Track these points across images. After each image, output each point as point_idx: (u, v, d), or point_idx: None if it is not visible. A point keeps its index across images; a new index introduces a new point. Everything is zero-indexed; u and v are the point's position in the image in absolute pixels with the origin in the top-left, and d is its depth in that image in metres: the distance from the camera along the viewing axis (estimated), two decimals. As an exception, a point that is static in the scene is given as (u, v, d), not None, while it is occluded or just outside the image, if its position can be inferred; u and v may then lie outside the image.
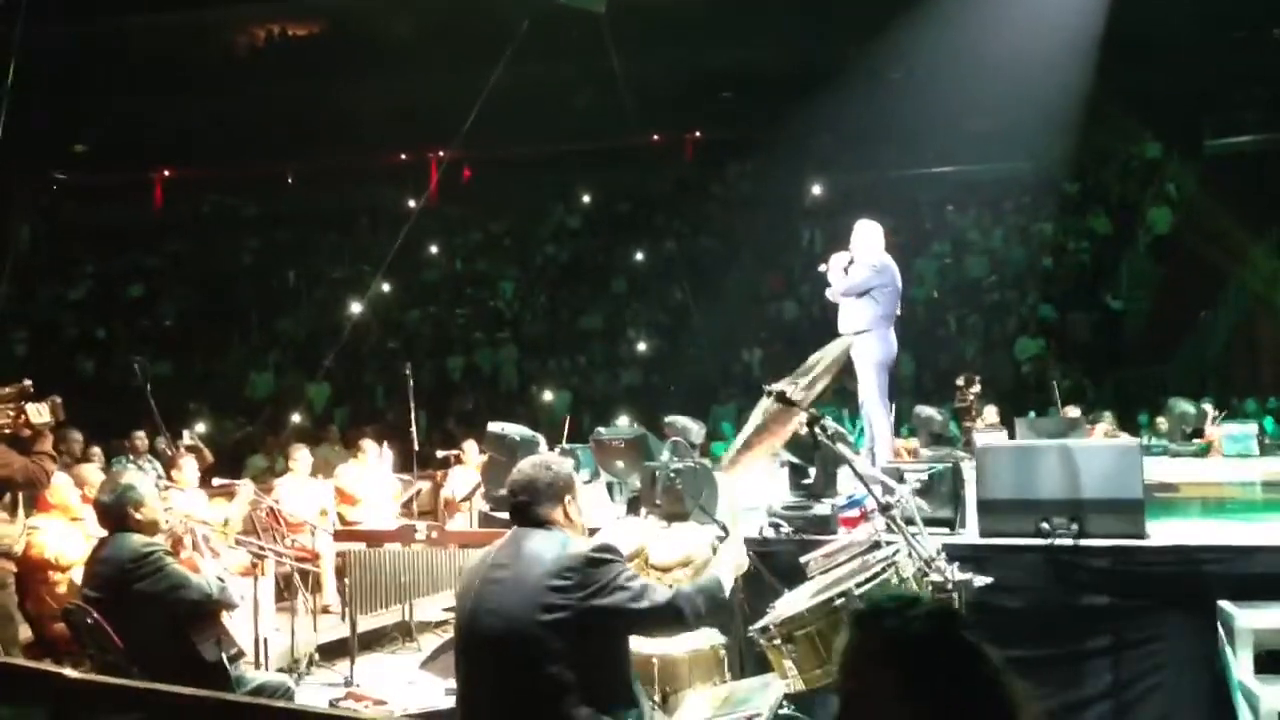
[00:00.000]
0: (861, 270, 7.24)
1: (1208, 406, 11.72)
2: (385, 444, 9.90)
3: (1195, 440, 10.72)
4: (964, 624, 1.79)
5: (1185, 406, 11.38)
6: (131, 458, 9.67)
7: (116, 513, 4.68)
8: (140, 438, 10.21)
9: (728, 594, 3.47)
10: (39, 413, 5.38)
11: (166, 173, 26.41)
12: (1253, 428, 10.78)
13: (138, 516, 4.67)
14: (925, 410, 10.15)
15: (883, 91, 18.22)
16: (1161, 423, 11.74)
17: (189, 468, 8.13)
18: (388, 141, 23.85)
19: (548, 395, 17.43)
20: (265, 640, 6.38)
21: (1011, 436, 9.78)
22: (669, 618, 3.26)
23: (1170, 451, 10.48)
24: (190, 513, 6.45)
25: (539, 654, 3.09)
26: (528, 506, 3.38)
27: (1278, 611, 4.37)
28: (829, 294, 7.44)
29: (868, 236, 7.51)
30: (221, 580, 4.92)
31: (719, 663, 4.04)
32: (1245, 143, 19.06)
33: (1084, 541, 4.89)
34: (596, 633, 3.14)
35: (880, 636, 1.77)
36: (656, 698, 3.77)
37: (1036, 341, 17.20)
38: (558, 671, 3.08)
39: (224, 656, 4.68)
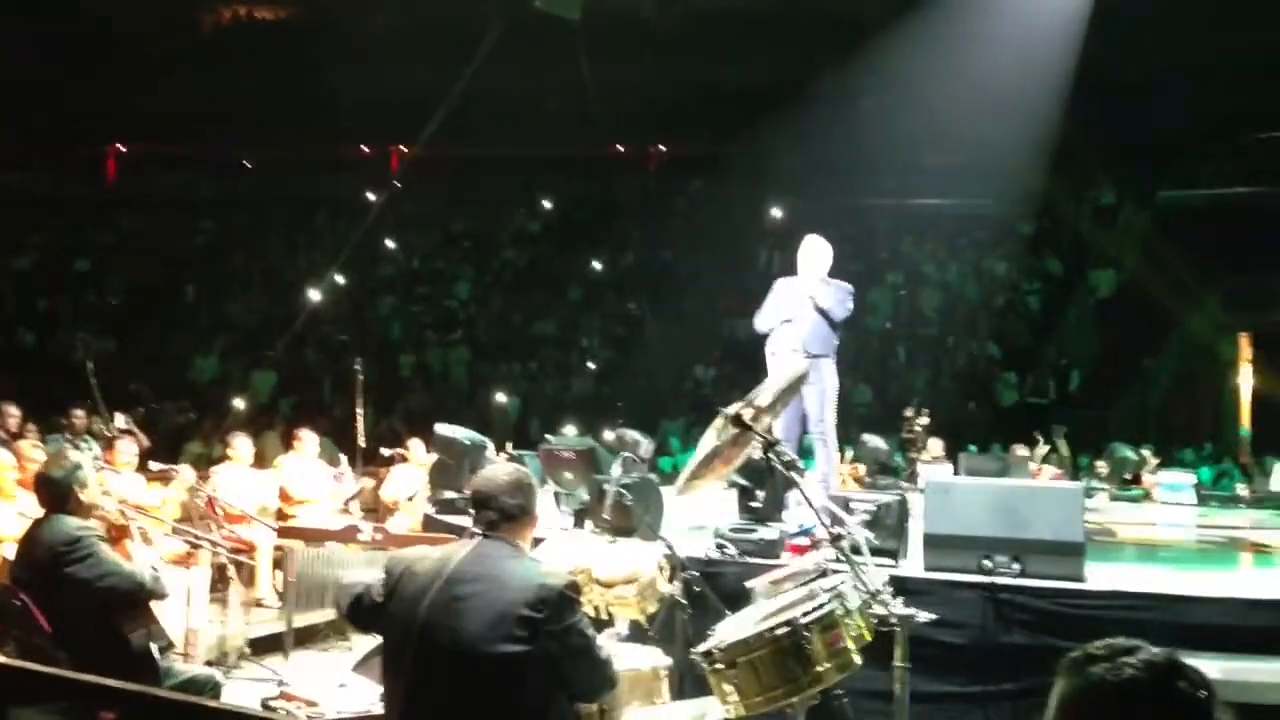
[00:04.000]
0: (841, 292, 6.94)
1: (1147, 453, 11.94)
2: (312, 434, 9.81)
3: (1133, 486, 10.91)
4: (1189, 676, 1.65)
5: (1125, 452, 11.60)
6: (69, 436, 9.48)
7: (62, 492, 4.58)
8: (79, 416, 10.01)
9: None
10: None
11: (121, 147, 25.95)
12: (1190, 477, 11.01)
13: (81, 498, 4.59)
14: (872, 440, 10.26)
15: (851, 118, 18.35)
16: (1101, 467, 11.95)
17: (126, 450, 7.99)
18: (351, 133, 23.62)
19: (498, 398, 17.34)
20: (195, 631, 6.27)
21: (956, 470, 9.92)
22: (608, 675, 3.29)
23: (1110, 495, 10.67)
24: (126, 497, 6.34)
25: (492, 680, 3.01)
26: (504, 518, 3.24)
27: (1212, 664, 4.43)
28: (798, 313, 6.87)
29: (826, 255, 7.06)
30: (155, 569, 4.83)
31: (658, 684, 4.02)
32: (1197, 196, 19.42)
33: (1024, 581, 4.95)
34: (549, 669, 3.07)
35: (1087, 684, 1.66)
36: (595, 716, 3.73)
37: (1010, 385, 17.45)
38: (508, 698, 3.02)
39: (153, 648, 4.60)
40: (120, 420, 9.46)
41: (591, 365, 19.29)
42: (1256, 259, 16.53)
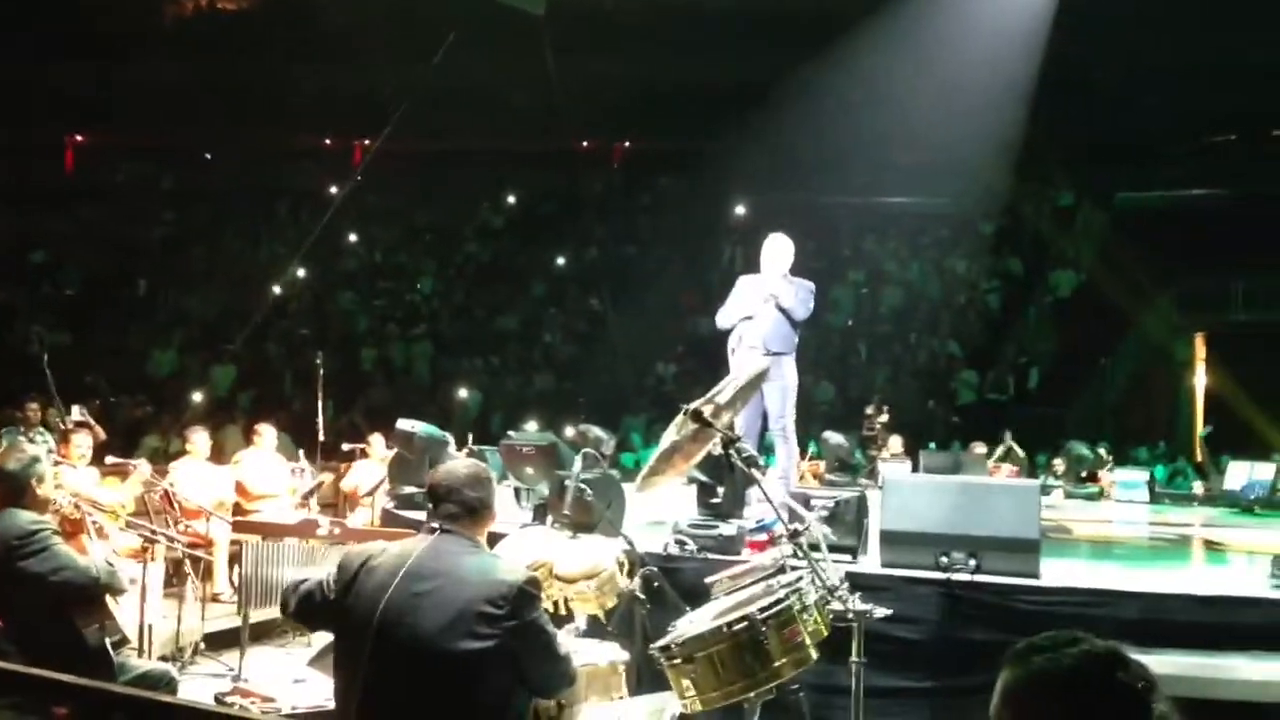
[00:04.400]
0: (804, 291, 6.92)
1: (1103, 451, 12.10)
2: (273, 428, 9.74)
3: (1089, 484, 11.05)
4: (1129, 667, 1.72)
5: (1082, 450, 11.75)
6: (23, 430, 9.34)
7: (17, 485, 4.51)
8: (33, 409, 9.87)
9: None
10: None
11: (79, 136, 25.57)
12: (1144, 475, 11.17)
13: (38, 492, 4.53)
14: (834, 437, 10.33)
15: (817, 116, 18.42)
16: (1058, 464, 12.09)
17: (81, 444, 7.88)
18: (314, 125, 23.42)
19: (460, 393, 17.27)
20: (150, 626, 6.21)
21: (915, 467, 10.02)
22: (568, 670, 3.28)
23: (1065, 493, 10.81)
24: (80, 491, 6.25)
25: (451, 676, 2.99)
26: (464, 512, 3.22)
27: (1156, 658, 4.51)
28: (760, 310, 6.82)
29: (788, 253, 7.03)
30: (110, 564, 4.78)
31: (616, 678, 4.03)
32: (1154, 198, 19.68)
33: (980, 578, 5.01)
34: (509, 665, 3.06)
35: (1030, 672, 1.72)
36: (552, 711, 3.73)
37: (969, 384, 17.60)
38: (468, 695, 3.00)
39: (107, 643, 4.54)
40: (76, 413, 9.34)
41: (554, 360, 19.27)
42: (1211, 260, 16.79)
